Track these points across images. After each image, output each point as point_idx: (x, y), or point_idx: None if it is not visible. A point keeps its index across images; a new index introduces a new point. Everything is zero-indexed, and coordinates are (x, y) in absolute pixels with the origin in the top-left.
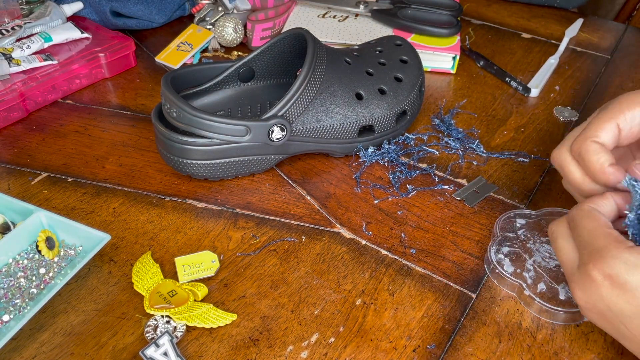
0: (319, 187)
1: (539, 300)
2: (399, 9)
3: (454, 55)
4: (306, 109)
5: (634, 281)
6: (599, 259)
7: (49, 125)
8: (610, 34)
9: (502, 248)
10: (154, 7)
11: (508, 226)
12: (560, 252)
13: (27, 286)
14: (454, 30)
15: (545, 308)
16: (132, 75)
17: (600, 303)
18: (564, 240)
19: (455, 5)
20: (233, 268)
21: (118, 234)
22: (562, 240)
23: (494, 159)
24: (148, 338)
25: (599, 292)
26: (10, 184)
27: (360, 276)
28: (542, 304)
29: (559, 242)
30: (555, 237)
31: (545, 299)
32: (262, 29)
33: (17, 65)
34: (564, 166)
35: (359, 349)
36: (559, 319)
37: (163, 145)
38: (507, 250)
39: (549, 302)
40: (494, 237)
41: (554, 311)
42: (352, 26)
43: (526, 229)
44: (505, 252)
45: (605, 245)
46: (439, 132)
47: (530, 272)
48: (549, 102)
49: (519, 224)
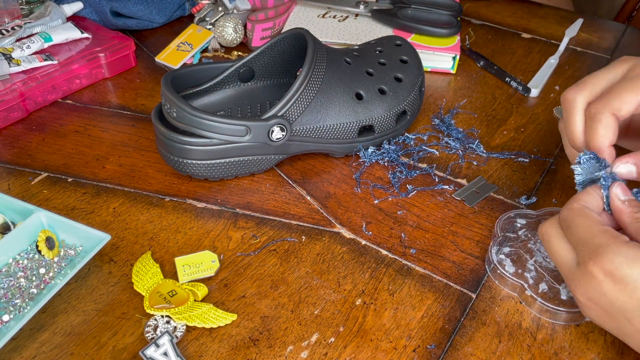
0: (319, 187)
1: (541, 300)
2: (399, 9)
3: (454, 55)
4: (306, 109)
5: (635, 274)
6: (599, 256)
7: (49, 125)
8: (610, 34)
9: (503, 248)
10: (154, 7)
11: (509, 226)
12: (555, 253)
13: (27, 286)
14: (454, 30)
15: (546, 308)
16: (132, 75)
17: (602, 300)
18: (557, 240)
19: (455, 5)
20: (233, 268)
21: (118, 234)
22: (556, 241)
23: (494, 159)
24: (148, 338)
25: (601, 288)
26: (10, 184)
27: (360, 276)
28: (543, 304)
29: (553, 242)
30: (548, 239)
31: (546, 299)
32: (262, 29)
33: (17, 65)
34: (572, 112)
35: (359, 349)
36: (561, 319)
37: (163, 145)
38: (508, 251)
39: (550, 302)
40: (495, 238)
41: (556, 311)
42: (352, 26)
43: (527, 229)
44: (506, 253)
45: (604, 242)
46: (439, 132)
47: (531, 272)
48: (549, 102)
49: (520, 224)
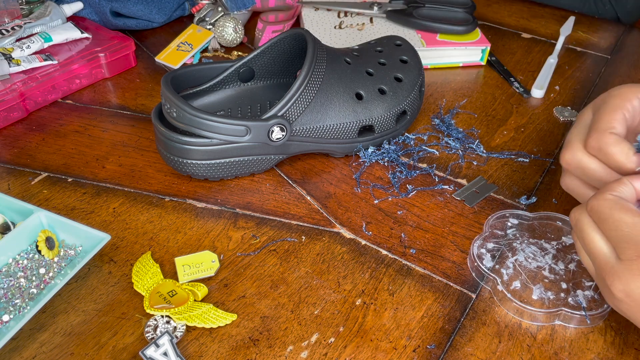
0: (319, 187)
1: (510, 296)
2: (414, 8)
3: (484, 47)
4: (306, 109)
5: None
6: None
7: (49, 125)
8: (610, 34)
9: (487, 244)
10: (154, 6)
11: (499, 224)
12: (590, 244)
13: (27, 286)
14: (472, 27)
15: (515, 305)
16: (132, 75)
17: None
18: (593, 231)
19: (468, 3)
20: (233, 268)
21: (118, 234)
22: (591, 231)
23: (494, 159)
24: (148, 338)
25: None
26: (10, 184)
27: (360, 276)
28: (512, 300)
29: (589, 232)
30: (582, 226)
31: (516, 296)
32: (273, 30)
33: (17, 65)
34: (584, 165)
35: (358, 349)
36: (527, 317)
37: (163, 145)
38: (491, 247)
39: (520, 299)
40: (482, 233)
41: (523, 309)
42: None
43: (517, 229)
44: (488, 248)
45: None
46: (439, 132)
47: (509, 269)
48: (549, 102)
49: (511, 224)
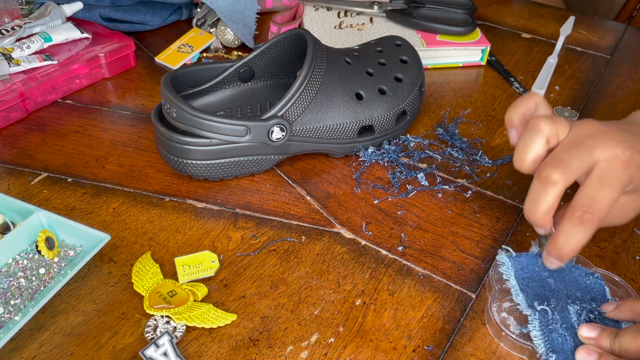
0: (319, 187)
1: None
2: (414, 8)
3: (484, 47)
4: (306, 109)
5: None
6: None
7: (49, 125)
8: (610, 34)
9: (503, 304)
10: (147, 12)
11: (500, 275)
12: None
13: (27, 286)
14: (471, 28)
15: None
16: (132, 75)
17: None
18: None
19: (469, 4)
20: (233, 268)
21: (118, 234)
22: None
23: (500, 165)
24: (148, 338)
25: None
26: (10, 184)
27: (360, 276)
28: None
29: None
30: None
31: None
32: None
33: (17, 65)
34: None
35: (358, 349)
36: None
37: (163, 145)
38: (509, 306)
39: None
40: (492, 292)
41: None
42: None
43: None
44: (506, 309)
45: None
46: (442, 142)
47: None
48: (549, 102)
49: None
